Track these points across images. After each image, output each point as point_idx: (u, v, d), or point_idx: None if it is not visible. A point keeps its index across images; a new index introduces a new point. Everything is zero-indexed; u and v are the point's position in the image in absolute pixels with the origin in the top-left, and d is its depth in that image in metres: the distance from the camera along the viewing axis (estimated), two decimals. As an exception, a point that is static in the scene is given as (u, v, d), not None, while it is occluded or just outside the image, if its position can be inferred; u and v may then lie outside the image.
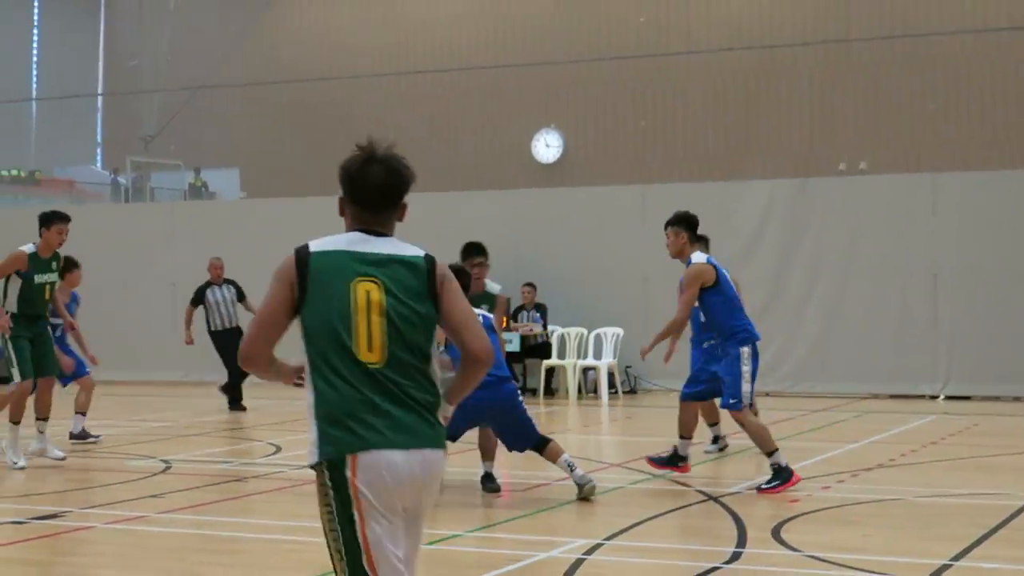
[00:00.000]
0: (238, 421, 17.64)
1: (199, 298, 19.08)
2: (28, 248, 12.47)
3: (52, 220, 12.74)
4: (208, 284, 19.18)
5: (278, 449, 14.27)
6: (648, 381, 20.58)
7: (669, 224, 11.21)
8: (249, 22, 38.14)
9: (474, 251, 11.81)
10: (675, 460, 11.39)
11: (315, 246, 4.75)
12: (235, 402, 18.75)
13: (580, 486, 10.22)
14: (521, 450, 10.49)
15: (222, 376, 19.08)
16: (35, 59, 41.11)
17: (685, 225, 11.14)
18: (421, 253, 4.79)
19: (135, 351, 23.72)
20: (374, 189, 4.81)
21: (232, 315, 18.97)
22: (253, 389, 19.00)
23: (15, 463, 12.22)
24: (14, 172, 36.96)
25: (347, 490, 4.42)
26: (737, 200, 20.50)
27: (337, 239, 4.77)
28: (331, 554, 4.49)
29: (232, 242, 23.54)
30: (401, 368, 4.58)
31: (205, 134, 37.45)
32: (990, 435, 15.40)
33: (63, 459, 12.55)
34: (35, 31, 41.27)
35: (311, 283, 4.65)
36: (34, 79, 41.09)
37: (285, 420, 17.53)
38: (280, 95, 35.81)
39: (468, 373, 4.80)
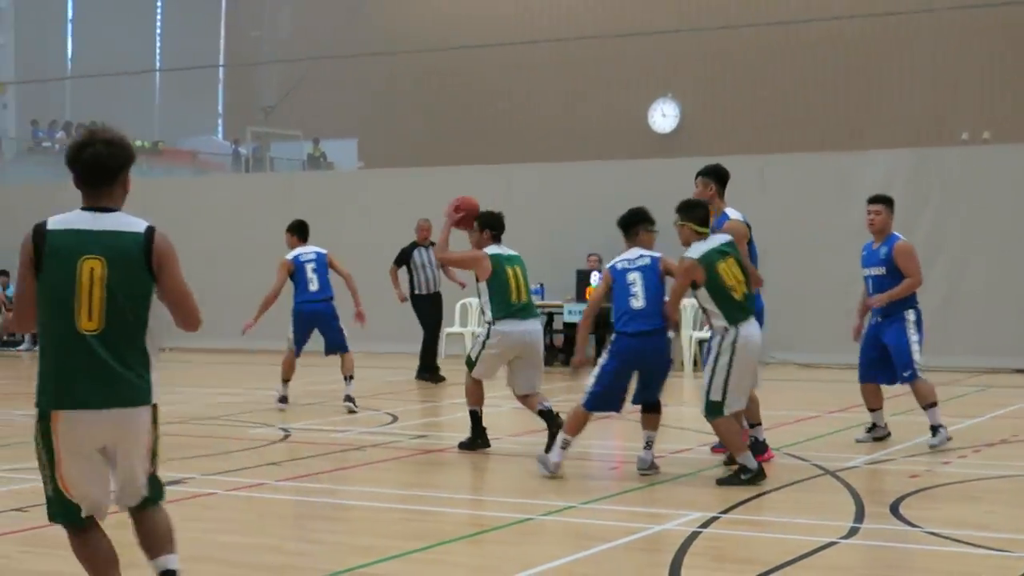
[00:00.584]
0: (366, 390, 17.73)
1: (403, 259, 18.49)
2: None
3: None
4: (415, 245, 18.56)
5: (394, 419, 14.36)
6: (768, 355, 20.42)
7: (700, 174, 10.95)
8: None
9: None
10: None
11: (51, 224, 5.44)
12: (427, 371, 18.53)
13: (640, 467, 10.19)
14: (638, 401, 10.30)
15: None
16: (159, 32, 41.62)
17: (715, 177, 10.88)
18: (142, 228, 5.49)
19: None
20: (88, 169, 5.44)
21: (435, 279, 18.40)
22: (370, 359, 19.10)
23: None
24: (139, 143, 37.47)
25: (50, 437, 5.40)
26: (856, 171, 20.21)
27: (68, 217, 5.47)
28: (42, 478, 5.53)
29: (349, 212, 23.73)
30: (115, 335, 5.40)
31: (324, 104, 37.75)
32: None
33: None
34: (158, 4, 41.76)
35: (46, 259, 5.38)
36: (158, 52, 41.60)
37: (402, 390, 17.63)
38: (398, 65, 35.94)
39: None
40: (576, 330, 14.03)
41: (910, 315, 11.58)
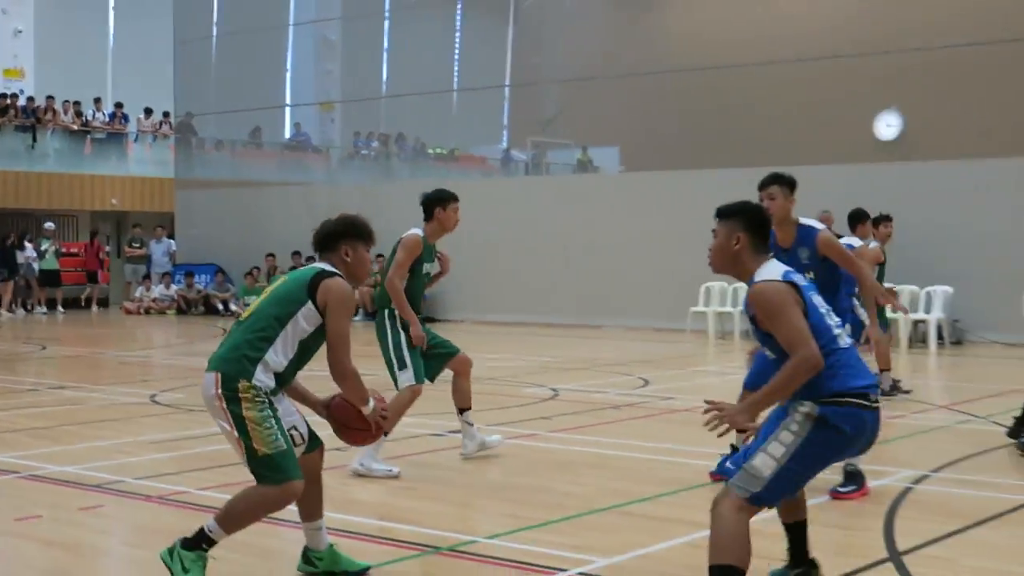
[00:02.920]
0: (623, 359, 17.74)
1: None
2: (418, 232, 8.79)
3: (449, 200, 9.11)
4: None
5: (646, 383, 14.36)
6: (975, 334, 19.68)
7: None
8: (630, 22, 38.28)
9: None
10: None
11: None
12: None
13: None
14: None
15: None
16: (456, 57, 42.51)
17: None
18: (312, 273, 5.59)
19: (529, 298, 24.31)
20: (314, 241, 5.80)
21: None
22: (626, 332, 19.08)
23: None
24: (438, 150, 38.37)
25: None
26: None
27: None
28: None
29: (613, 210, 23.81)
30: (251, 323, 5.51)
31: (591, 117, 37.87)
32: None
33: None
34: (457, 35, 42.64)
35: None
36: (455, 74, 42.47)
37: (653, 360, 17.60)
38: (656, 83, 35.76)
39: None
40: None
41: None
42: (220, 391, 5.38)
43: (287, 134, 37.71)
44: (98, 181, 32.54)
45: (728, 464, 4.79)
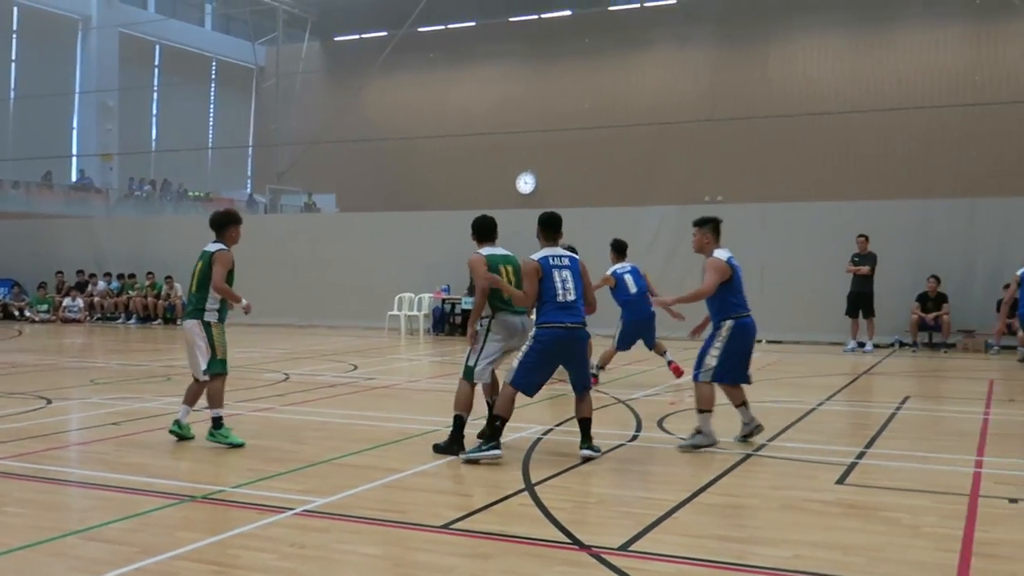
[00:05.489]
0: (339, 350, 17.50)
1: None
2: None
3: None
4: None
5: (355, 367, 14.23)
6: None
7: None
8: (345, 102, 37.99)
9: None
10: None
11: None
12: None
13: None
14: None
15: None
16: (212, 123, 40.97)
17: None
18: (214, 249, 7.85)
19: (267, 305, 23.61)
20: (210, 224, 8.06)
21: None
22: (337, 330, 18.65)
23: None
24: (197, 193, 36.89)
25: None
26: (640, 219, 20.43)
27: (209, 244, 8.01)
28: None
29: (331, 240, 23.49)
30: (196, 290, 7.90)
31: (315, 171, 37.37)
32: (793, 364, 15.25)
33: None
34: (211, 105, 41.21)
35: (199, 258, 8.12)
36: (210, 135, 40.95)
37: (360, 350, 17.43)
38: (362, 148, 35.69)
39: None
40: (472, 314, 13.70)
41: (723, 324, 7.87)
42: (201, 327, 7.76)
43: (74, 178, 35.33)
44: (-92, 213, 29.47)
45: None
